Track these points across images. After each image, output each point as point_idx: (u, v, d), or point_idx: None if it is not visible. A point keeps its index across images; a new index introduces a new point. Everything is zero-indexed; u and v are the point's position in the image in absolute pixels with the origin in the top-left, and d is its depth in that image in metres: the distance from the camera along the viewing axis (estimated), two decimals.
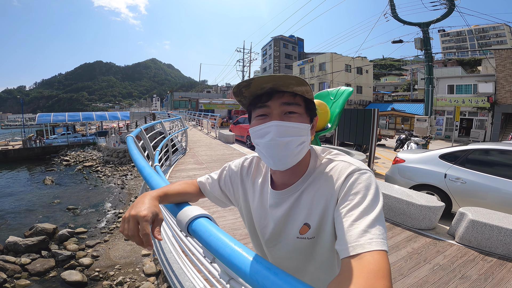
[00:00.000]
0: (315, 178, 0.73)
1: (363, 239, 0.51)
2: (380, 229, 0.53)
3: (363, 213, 0.56)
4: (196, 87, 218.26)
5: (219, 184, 0.92)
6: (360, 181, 0.63)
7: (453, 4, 15.13)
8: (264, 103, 0.70)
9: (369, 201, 0.58)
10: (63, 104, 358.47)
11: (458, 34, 65.02)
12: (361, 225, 0.54)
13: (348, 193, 0.62)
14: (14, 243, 5.81)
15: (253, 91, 0.71)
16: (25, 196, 12.52)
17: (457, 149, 4.68)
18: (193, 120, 22.81)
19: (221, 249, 0.62)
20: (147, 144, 4.73)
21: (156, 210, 0.69)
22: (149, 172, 1.31)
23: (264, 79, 0.65)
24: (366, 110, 8.75)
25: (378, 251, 0.49)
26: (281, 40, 53.21)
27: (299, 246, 0.74)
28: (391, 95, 40.61)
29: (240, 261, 0.57)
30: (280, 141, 0.67)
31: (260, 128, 0.70)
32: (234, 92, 0.73)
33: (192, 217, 0.73)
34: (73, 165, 20.33)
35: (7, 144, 27.14)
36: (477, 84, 20.81)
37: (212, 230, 0.67)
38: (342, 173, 0.67)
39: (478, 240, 3.05)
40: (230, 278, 0.79)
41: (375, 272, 0.45)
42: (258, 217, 0.83)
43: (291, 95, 0.70)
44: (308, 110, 0.73)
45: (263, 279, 0.51)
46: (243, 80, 0.68)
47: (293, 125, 0.68)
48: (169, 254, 2.84)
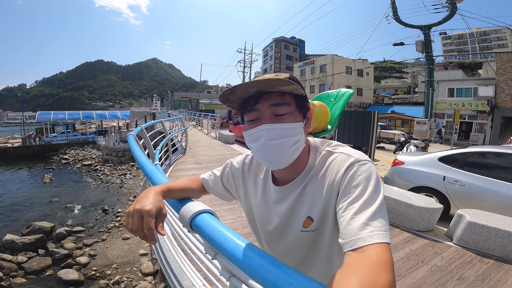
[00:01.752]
0: (316, 171, 0.73)
1: (364, 232, 0.51)
2: (381, 221, 0.53)
3: (364, 206, 0.56)
4: (196, 87, 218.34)
5: (221, 181, 0.93)
6: (359, 172, 0.63)
7: (455, 7, 15.18)
8: (253, 106, 0.69)
9: (370, 193, 0.58)
10: (63, 103, 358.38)
11: (459, 37, 65.15)
12: (361, 218, 0.54)
13: (349, 185, 0.62)
14: (11, 241, 5.78)
15: (240, 96, 0.70)
16: (24, 194, 12.50)
17: (456, 152, 4.70)
18: (193, 120, 22.81)
19: (224, 244, 0.63)
20: (147, 143, 4.74)
21: (160, 205, 0.70)
22: (151, 169, 1.32)
23: (248, 84, 0.65)
24: (366, 113, 8.77)
25: (380, 244, 0.49)
26: (282, 41, 53.30)
27: (302, 239, 0.75)
28: (392, 97, 40.66)
29: (243, 255, 0.58)
30: (273, 143, 0.66)
31: (252, 132, 0.69)
32: (221, 100, 0.72)
33: (195, 212, 0.73)
34: (72, 164, 20.32)
35: (7, 142, 27.10)
36: (477, 87, 20.85)
37: (215, 225, 0.68)
38: (342, 166, 0.67)
39: (476, 242, 3.07)
40: (231, 275, 0.80)
41: (377, 265, 0.45)
42: (261, 213, 0.84)
43: (279, 95, 0.68)
44: (299, 107, 0.71)
45: (266, 273, 0.52)
46: (233, 86, 0.67)
47: (285, 126, 0.67)
48: (168, 253, 2.84)
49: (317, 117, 4.83)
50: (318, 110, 4.84)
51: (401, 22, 16.62)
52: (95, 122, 44.20)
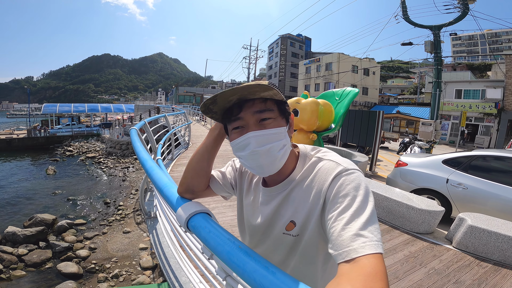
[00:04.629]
0: (304, 177, 0.73)
1: (356, 243, 0.50)
2: (372, 231, 0.53)
3: (354, 216, 0.55)
4: (201, 82, 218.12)
5: (224, 178, 0.94)
6: (348, 182, 0.62)
7: (467, 8, 14.89)
8: (237, 115, 0.70)
9: (359, 203, 0.58)
10: (69, 95, 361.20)
11: (470, 38, 64.22)
12: (352, 228, 0.53)
13: (337, 195, 0.61)
14: (12, 233, 5.81)
15: (222, 106, 0.71)
16: (27, 185, 12.63)
17: (461, 155, 4.66)
18: (197, 115, 22.85)
19: (220, 246, 0.62)
20: (150, 137, 4.74)
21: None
22: (151, 165, 1.31)
23: (228, 92, 0.66)
24: (370, 112, 8.69)
25: (373, 255, 0.49)
26: (288, 38, 52.94)
27: (284, 242, 0.76)
28: (397, 97, 40.27)
29: (238, 259, 0.57)
30: (261, 150, 0.67)
31: (239, 141, 0.70)
32: (203, 111, 0.73)
33: (192, 212, 0.73)
34: (76, 156, 20.49)
35: (12, 132, 27.41)
36: (485, 89, 20.55)
37: (211, 227, 0.67)
38: (330, 174, 0.66)
39: (475, 245, 3.06)
40: (227, 275, 0.79)
41: (372, 275, 0.45)
42: (249, 213, 0.86)
43: (261, 101, 0.70)
44: (281, 112, 0.73)
45: (260, 278, 0.51)
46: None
47: (270, 131, 0.68)
48: (166, 248, 2.86)
49: (321, 115, 4.80)
50: (322, 108, 4.81)
51: (410, 22, 16.37)
52: (100, 115, 44.48)
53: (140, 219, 5.44)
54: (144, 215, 4.30)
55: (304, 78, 38.24)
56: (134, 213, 6.23)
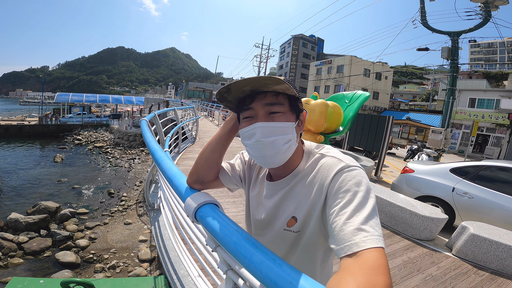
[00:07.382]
0: (307, 173, 0.74)
1: (357, 238, 0.51)
2: (374, 226, 0.54)
3: (355, 211, 0.56)
4: (211, 78, 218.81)
5: (233, 170, 0.95)
6: (349, 178, 0.63)
7: (489, 15, 14.49)
8: (248, 105, 0.73)
9: (361, 198, 0.58)
10: (82, 86, 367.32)
11: (489, 45, 62.77)
12: (354, 223, 0.54)
13: (339, 191, 0.62)
14: (15, 220, 5.79)
15: (235, 95, 0.74)
16: (34, 172, 12.83)
17: (469, 164, 4.62)
18: (205, 111, 22.95)
19: (227, 237, 0.63)
20: (159, 129, 4.80)
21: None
22: (161, 155, 1.33)
23: (242, 82, 0.68)
24: (380, 117, 8.60)
25: (375, 248, 0.49)
26: (301, 39, 52.66)
27: (284, 238, 0.77)
28: (408, 104, 39.67)
29: (245, 250, 0.58)
30: (266, 141, 0.69)
31: (246, 130, 0.73)
32: (218, 98, 0.77)
33: (201, 203, 0.74)
34: (84, 145, 20.76)
35: (24, 119, 27.96)
36: (500, 99, 20.09)
37: (219, 217, 0.68)
38: (332, 170, 0.67)
39: (475, 253, 3.05)
40: (228, 268, 0.80)
41: (374, 268, 0.45)
42: (253, 206, 0.89)
43: (273, 95, 0.72)
44: (292, 107, 0.74)
45: (267, 270, 0.52)
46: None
47: (277, 124, 0.70)
48: (167, 241, 2.89)
49: (330, 117, 4.77)
50: (331, 110, 4.78)
51: (428, 27, 16.04)
52: (111, 106, 45.06)
53: (142, 211, 5.48)
54: (148, 206, 4.35)
55: (314, 80, 37.99)
56: (137, 205, 6.29)
